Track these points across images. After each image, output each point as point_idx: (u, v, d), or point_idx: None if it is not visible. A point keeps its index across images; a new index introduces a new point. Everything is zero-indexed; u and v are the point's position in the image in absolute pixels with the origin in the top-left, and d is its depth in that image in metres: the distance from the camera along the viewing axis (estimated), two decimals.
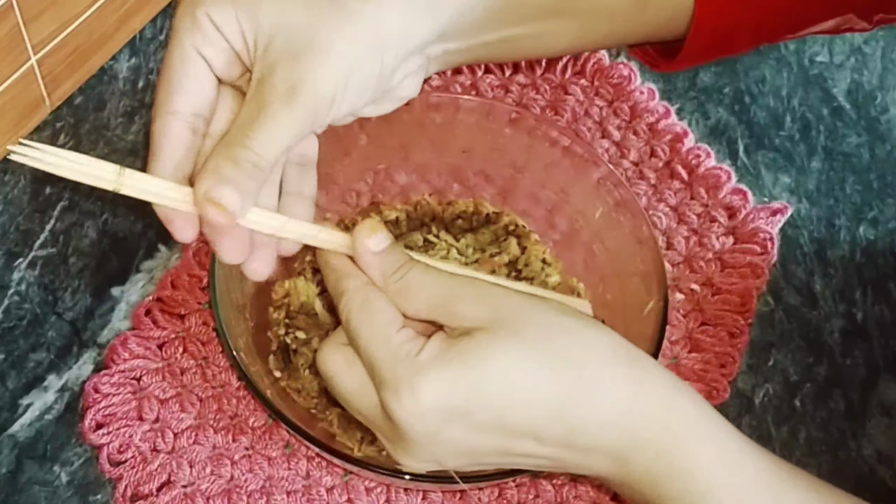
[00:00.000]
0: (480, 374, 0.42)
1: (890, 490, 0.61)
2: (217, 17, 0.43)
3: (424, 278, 0.45)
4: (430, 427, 0.43)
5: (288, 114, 0.42)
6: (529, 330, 0.43)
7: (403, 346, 0.43)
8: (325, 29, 0.43)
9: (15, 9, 0.47)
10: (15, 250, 0.55)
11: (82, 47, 0.53)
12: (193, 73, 0.44)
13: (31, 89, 0.50)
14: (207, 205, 0.41)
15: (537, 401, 0.43)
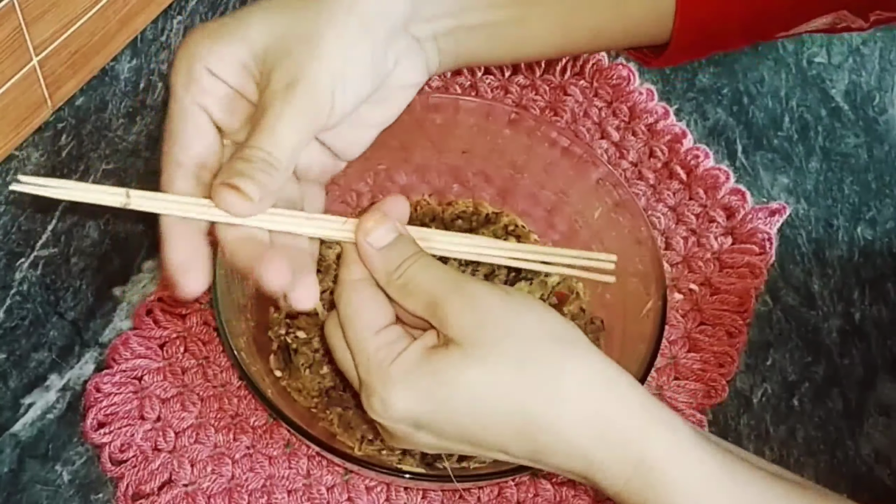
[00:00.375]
0: (448, 392, 0.43)
1: (888, 489, 0.61)
2: (216, 67, 0.44)
3: (423, 277, 0.45)
4: (402, 431, 0.45)
5: (288, 108, 0.43)
6: (506, 353, 0.43)
7: (379, 353, 0.44)
8: (311, 24, 0.44)
9: (17, 10, 0.47)
10: (17, 250, 0.55)
11: (84, 48, 0.53)
12: (193, 125, 0.45)
13: (32, 90, 0.51)
14: (225, 190, 0.42)
15: (502, 425, 0.43)
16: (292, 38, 0.44)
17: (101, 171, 0.59)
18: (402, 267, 0.45)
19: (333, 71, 0.44)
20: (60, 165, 0.55)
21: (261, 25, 0.45)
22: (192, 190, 0.45)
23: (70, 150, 0.56)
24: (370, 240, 0.46)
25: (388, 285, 0.46)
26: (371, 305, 0.46)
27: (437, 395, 0.43)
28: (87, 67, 0.54)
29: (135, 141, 0.61)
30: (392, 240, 0.46)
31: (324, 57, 0.44)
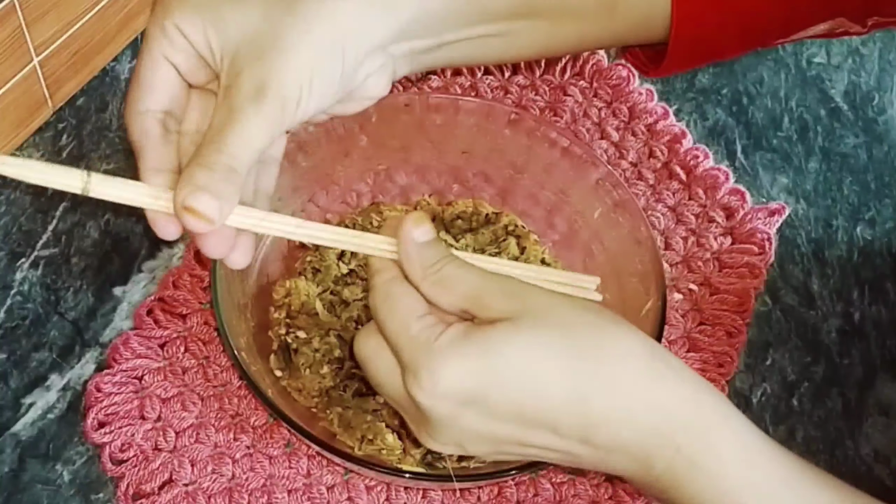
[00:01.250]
0: (498, 360, 0.43)
1: (887, 489, 0.61)
2: (185, 27, 0.45)
3: (460, 272, 0.46)
4: (448, 410, 0.43)
5: (257, 114, 0.44)
6: (553, 323, 0.44)
7: (423, 332, 0.44)
8: (286, 31, 0.45)
9: (17, 11, 0.47)
10: (18, 250, 0.55)
11: (84, 49, 0.53)
12: (161, 75, 0.46)
13: (33, 90, 0.51)
14: (186, 214, 0.43)
15: (555, 392, 0.43)
16: (265, 41, 0.45)
17: (102, 171, 0.59)
18: (439, 263, 0.46)
19: (301, 81, 0.45)
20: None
21: (238, 18, 0.45)
22: (162, 136, 0.46)
23: (70, 150, 0.56)
24: (415, 233, 0.46)
25: (425, 279, 0.46)
26: (408, 297, 0.46)
27: (489, 363, 0.43)
28: (88, 68, 0.54)
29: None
30: (430, 239, 0.47)
31: (294, 68, 0.45)
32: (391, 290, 0.46)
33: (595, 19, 0.52)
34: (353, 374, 0.58)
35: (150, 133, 0.46)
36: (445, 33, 0.50)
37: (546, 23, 0.52)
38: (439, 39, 0.50)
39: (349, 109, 0.51)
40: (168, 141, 0.46)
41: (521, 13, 0.51)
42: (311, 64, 0.45)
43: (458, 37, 0.50)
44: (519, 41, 0.52)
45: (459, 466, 0.55)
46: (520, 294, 0.45)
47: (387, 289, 0.46)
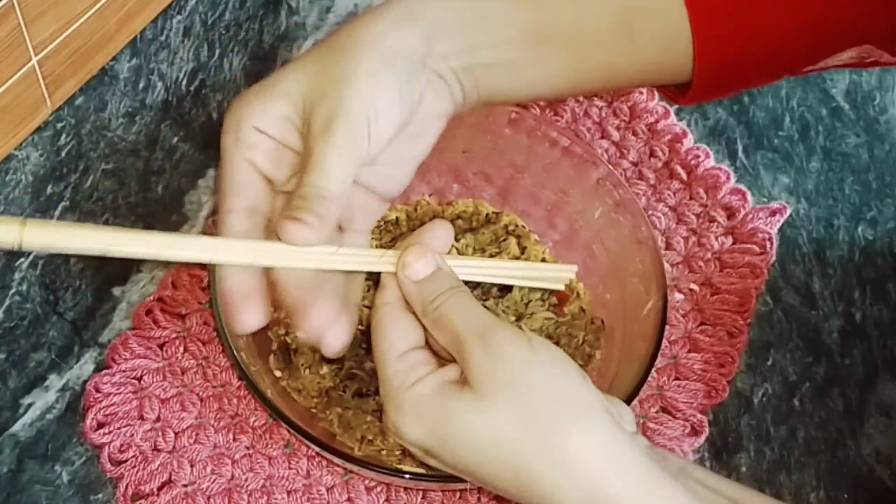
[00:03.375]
0: (454, 434, 0.45)
1: (888, 490, 0.61)
2: (258, 121, 0.48)
3: (454, 314, 0.47)
4: (415, 452, 0.47)
5: (331, 143, 0.46)
6: (517, 406, 0.44)
7: (396, 377, 0.47)
8: (339, 66, 0.48)
9: (16, 9, 0.47)
10: (16, 250, 0.55)
11: (83, 48, 0.53)
12: (241, 178, 0.49)
13: (32, 90, 0.51)
14: (287, 222, 0.46)
15: (503, 476, 0.45)
16: (325, 82, 0.48)
17: (101, 170, 0.59)
18: (437, 301, 0.48)
19: (364, 103, 0.47)
20: (60, 165, 0.55)
21: (296, 78, 0.49)
22: (248, 231, 0.49)
23: (69, 149, 0.56)
24: (408, 273, 0.48)
25: (424, 316, 0.48)
26: (398, 328, 0.48)
27: (443, 435, 0.45)
28: (87, 67, 0.54)
29: (134, 141, 0.61)
30: (431, 273, 0.49)
31: (354, 92, 0.47)
32: (383, 317, 0.48)
33: (616, 46, 0.53)
34: (353, 375, 0.58)
35: (235, 229, 0.49)
36: (475, 52, 0.52)
37: (569, 50, 0.53)
38: (471, 58, 0.52)
39: (422, 145, 0.53)
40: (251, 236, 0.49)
41: (540, 37, 0.52)
42: (369, 86, 0.48)
43: (489, 58, 0.52)
44: (548, 69, 0.54)
45: None
46: (499, 356, 0.45)
47: (380, 314, 0.49)
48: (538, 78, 0.54)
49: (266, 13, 0.70)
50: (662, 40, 0.53)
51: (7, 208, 0.53)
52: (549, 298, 0.63)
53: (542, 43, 0.53)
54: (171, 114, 0.63)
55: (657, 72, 0.55)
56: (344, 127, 0.47)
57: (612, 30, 0.53)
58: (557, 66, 0.54)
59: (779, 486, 0.60)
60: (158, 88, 0.61)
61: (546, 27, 0.53)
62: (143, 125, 0.61)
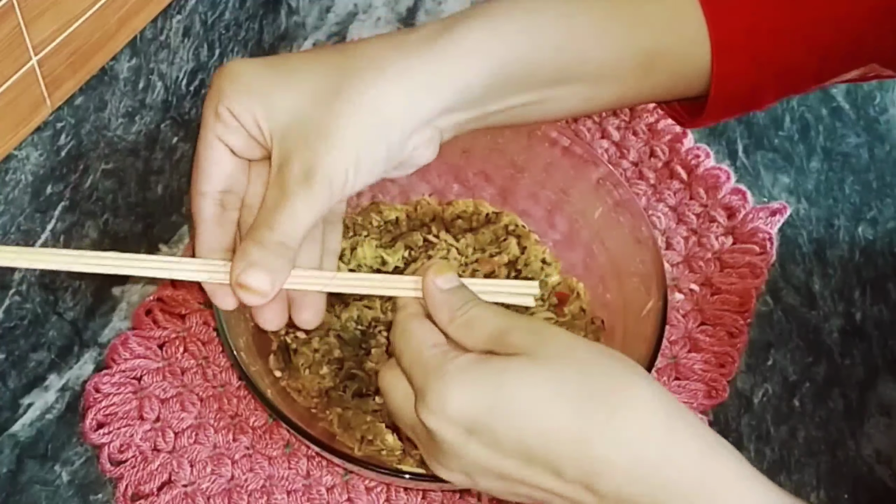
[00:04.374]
0: (508, 392, 0.43)
1: (889, 490, 0.61)
2: (236, 109, 0.48)
3: (485, 313, 0.47)
4: (455, 436, 0.44)
5: (306, 197, 0.46)
6: (570, 364, 0.44)
7: (435, 357, 0.45)
8: (333, 118, 0.47)
9: (16, 9, 0.47)
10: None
11: (83, 48, 0.53)
12: (215, 157, 0.49)
13: (31, 90, 0.51)
14: (240, 290, 0.47)
15: (561, 432, 0.43)
16: (313, 126, 0.47)
17: (101, 170, 0.59)
18: (466, 306, 0.47)
19: (348, 164, 0.47)
20: (59, 165, 0.55)
21: (287, 103, 0.47)
22: (219, 216, 0.49)
23: (69, 149, 0.56)
24: (438, 281, 0.49)
25: (452, 322, 0.47)
26: (424, 330, 0.48)
27: (499, 394, 0.43)
28: (87, 67, 0.54)
29: (134, 140, 0.61)
30: (458, 283, 0.49)
31: (340, 153, 0.47)
32: (409, 324, 0.48)
33: (633, 80, 0.53)
34: (353, 375, 0.58)
35: (205, 214, 0.49)
36: (489, 105, 0.51)
37: (585, 87, 0.53)
38: (483, 110, 0.51)
39: (397, 174, 0.52)
40: (224, 221, 0.50)
41: (560, 80, 0.52)
42: (357, 148, 0.47)
43: (500, 107, 0.51)
44: (558, 105, 0.53)
45: None
46: (541, 332, 0.45)
47: (405, 323, 0.48)
48: (547, 113, 0.54)
49: (266, 13, 0.70)
50: (679, 73, 0.53)
51: (7, 208, 0.53)
52: (549, 298, 0.63)
53: (560, 84, 0.52)
54: (171, 114, 0.63)
55: (666, 96, 0.55)
56: (322, 183, 0.46)
57: (633, 68, 0.52)
58: (569, 103, 0.53)
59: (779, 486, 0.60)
60: (158, 88, 0.61)
61: (567, 71, 0.51)
62: (143, 125, 0.61)
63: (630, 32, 0.52)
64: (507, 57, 0.49)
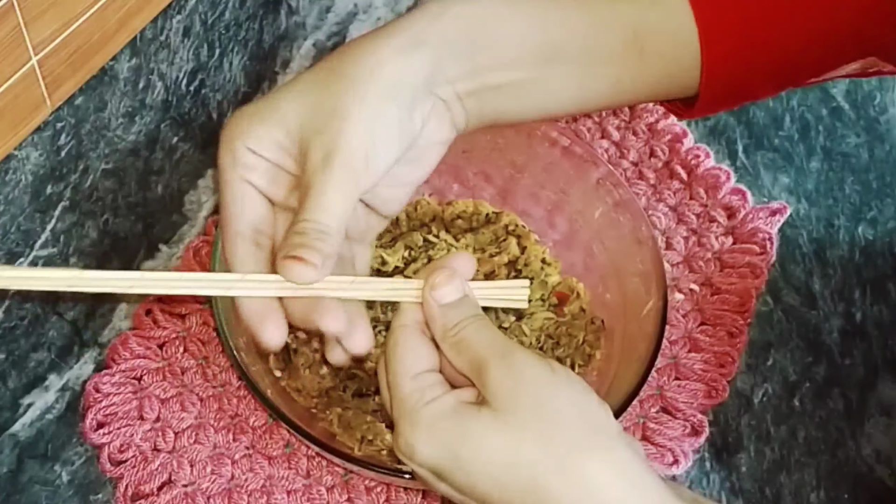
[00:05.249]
0: (470, 451, 0.44)
1: (888, 490, 0.61)
2: (252, 144, 0.48)
3: (475, 338, 0.47)
4: (426, 476, 0.46)
5: (329, 179, 0.46)
6: (537, 425, 0.44)
7: (412, 395, 0.46)
8: (338, 97, 0.47)
9: (16, 9, 0.47)
10: (16, 250, 0.55)
11: (83, 48, 0.53)
12: (241, 197, 0.49)
13: (32, 89, 0.51)
14: (288, 262, 0.45)
15: (518, 496, 0.44)
16: (322, 115, 0.47)
17: (101, 170, 0.59)
18: (459, 325, 0.47)
19: (363, 138, 0.47)
20: (59, 165, 0.55)
21: (293, 106, 0.48)
22: (253, 254, 0.49)
23: (69, 149, 0.56)
24: (436, 295, 0.48)
25: (443, 340, 0.47)
26: (414, 351, 0.48)
27: (460, 452, 0.44)
28: (87, 67, 0.54)
29: (134, 140, 0.61)
30: (456, 299, 0.48)
31: (353, 128, 0.47)
32: (400, 338, 0.48)
33: (625, 63, 0.53)
34: (353, 375, 0.58)
35: (241, 254, 0.49)
36: (483, 75, 0.51)
37: (578, 68, 0.53)
38: (479, 81, 0.51)
39: (421, 170, 0.52)
40: (259, 259, 0.49)
41: (550, 57, 0.52)
42: (370, 122, 0.47)
43: (495, 80, 0.51)
44: (557, 88, 0.53)
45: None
46: (519, 376, 0.45)
47: (397, 335, 0.48)
48: (546, 97, 0.54)
49: (266, 13, 0.70)
50: (671, 56, 0.53)
51: (7, 208, 0.53)
52: (549, 298, 0.63)
53: (550, 62, 0.52)
54: (171, 114, 0.63)
55: (664, 87, 0.55)
56: (342, 164, 0.46)
57: (622, 47, 0.52)
58: (565, 85, 0.53)
59: (779, 486, 0.60)
60: (158, 88, 0.61)
61: (555, 46, 0.52)
62: (142, 125, 0.61)
63: (612, 6, 0.52)
64: (487, 19, 0.50)
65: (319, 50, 0.76)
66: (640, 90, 0.55)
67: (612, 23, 0.52)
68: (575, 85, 0.53)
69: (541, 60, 0.52)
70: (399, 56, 0.48)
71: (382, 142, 0.47)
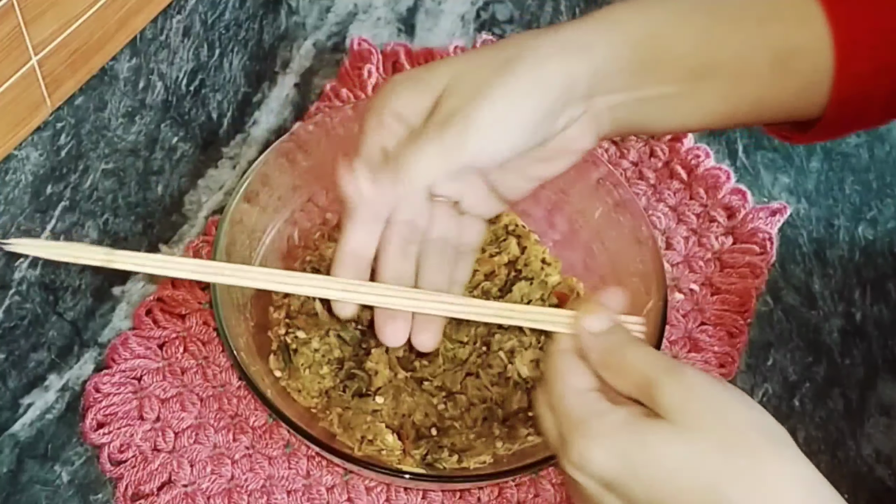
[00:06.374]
0: (649, 458, 0.43)
1: (888, 489, 0.61)
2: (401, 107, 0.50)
3: (637, 359, 0.46)
4: (593, 488, 0.44)
5: (436, 138, 0.48)
6: (715, 433, 0.43)
7: (583, 408, 0.45)
8: (489, 76, 0.49)
9: (16, 9, 0.47)
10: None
11: (83, 48, 0.53)
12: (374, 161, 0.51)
13: (32, 90, 0.51)
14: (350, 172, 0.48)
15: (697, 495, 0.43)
16: (466, 83, 0.49)
17: (101, 170, 0.59)
18: (617, 350, 0.47)
19: (494, 116, 0.48)
20: (59, 165, 0.55)
21: (447, 72, 0.50)
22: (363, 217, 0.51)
23: (69, 149, 0.56)
24: (587, 325, 0.48)
25: (604, 367, 0.47)
26: (574, 371, 0.47)
27: (638, 459, 0.43)
28: (87, 67, 0.54)
29: (134, 140, 0.61)
30: (611, 325, 0.48)
31: (489, 105, 0.48)
32: (559, 361, 0.48)
33: (768, 82, 0.53)
34: (353, 375, 0.58)
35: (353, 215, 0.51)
36: (637, 88, 0.52)
37: (727, 84, 0.53)
38: (633, 94, 0.52)
39: (552, 168, 0.53)
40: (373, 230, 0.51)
41: (703, 73, 0.53)
42: (508, 105, 0.48)
43: (646, 93, 0.52)
44: (703, 103, 0.54)
45: (459, 467, 0.55)
46: (691, 389, 0.44)
47: (556, 359, 0.48)
48: (691, 112, 0.54)
49: (266, 13, 0.70)
50: (808, 77, 0.53)
51: (7, 208, 0.53)
52: (549, 298, 0.63)
53: (702, 77, 0.53)
54: (171, 114, 0.63)
55: (796, 107, 0.55)
56: (457, 128, 0.47)
57: (769, 67, 0.53)
58: (713, 101, 0.54)
59: None
60: (158, 88, 0.61)
61: (710, 63, 0.53)
62: (142, 125, 0.61)
63: (763, 26, 0.53)
64: (654, 33, 0.52)
65: (319, 50, 0.76)
66: (776, 109, 0.55)
67: (761, 42, 0.53)
68: (721, 101, 0.54)
69: (694, 76, 0.53)
70: (562, 56, 0.49)
71: (516, 128, 0.48)
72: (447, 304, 0.52)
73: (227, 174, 0.69)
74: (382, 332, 0.53)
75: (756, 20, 0.53)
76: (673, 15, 0.53)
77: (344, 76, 0.74)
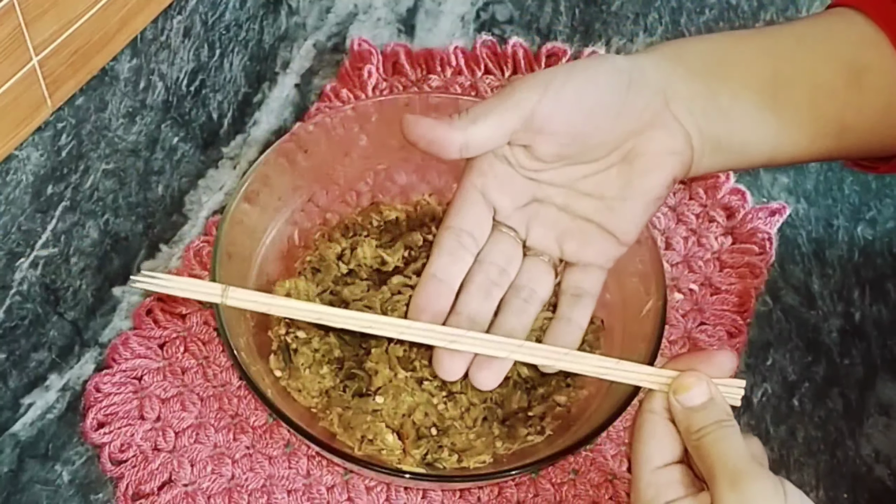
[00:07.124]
0: None
1: (888, 489, 0.61)
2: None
3: (712, 449, 0.46)
4: None
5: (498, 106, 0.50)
6: None
7: (649, 490, 0.46)
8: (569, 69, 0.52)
9: (16, 10, 0.47)
10: (17, 250, 0.55)
11: (84, 48, 0.53)
12: (469, 201, 0.55)
13: (32, 90, 0.51)
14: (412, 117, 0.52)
15: None
16: (547, 73, 0.52)
17: (101, 170, 0.59)
18: (700, 431, 0.47)
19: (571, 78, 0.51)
20: (60, 165, 0.56)
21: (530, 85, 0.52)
22: (454, 249, 0.55)
23: (70, 149, 0.56)
24: (680, 398, 0.48)
25: (687, 441, 0.47)
26: (658, 440, 0.48)
27: None
28: (87, 67, 0.54)
29: (134, 141, 0.61)
30: (702, 402, 0.48)
31: (562, 78, 0.51)
32: (646, 424, 0.48)
33: (846, 98, 0.54)
34: (353, 374, 0.58)
35: (444, 246, 0.55)
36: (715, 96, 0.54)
37: (804, 98, 0.54)
38: (712, 102, 0.54)
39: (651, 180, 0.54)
40: (456, 255, 0.55)
41: (779, 84, 0.54)
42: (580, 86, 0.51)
43: (728, 101, 0.54)
44: (786, 117, 0.55)
45: (459, 467, 0.55)
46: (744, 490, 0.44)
47: (644, 420, 0.48)
48: (777, 126, 0.54)
49: (266, 13, 0.70)
50: (888, 98, 0.54)
51: (7, 208, 0.53)
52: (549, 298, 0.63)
53: (779, 89, 0.54)
54: (171, 114, 0.63)
55: (886, 128, 0.55)
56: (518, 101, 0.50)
57: (844, 82, 0.54)
58: (795, 115, 0.54)
59: None
60: (158, 88, 0.61)
61: (783, 74, 0.54)
62: (143, 125, 0.61)
63: (828, 42, 0.55)
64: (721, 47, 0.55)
65: (319, 50, 0.76)
66: (861, 133, 0.56)
67: (830, 57, 0.54)
68: (803, 116, 0.54)
69: (770, 86, 0.54)
70: (627, 57, 0.53)
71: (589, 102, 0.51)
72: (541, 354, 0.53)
73: (227, 174, 0.69)
74: (440, 363, 0.53)
75: (819, 39, 0.55)
76: (732, 37, 0.57)
77: (344, 76, 0.74)
